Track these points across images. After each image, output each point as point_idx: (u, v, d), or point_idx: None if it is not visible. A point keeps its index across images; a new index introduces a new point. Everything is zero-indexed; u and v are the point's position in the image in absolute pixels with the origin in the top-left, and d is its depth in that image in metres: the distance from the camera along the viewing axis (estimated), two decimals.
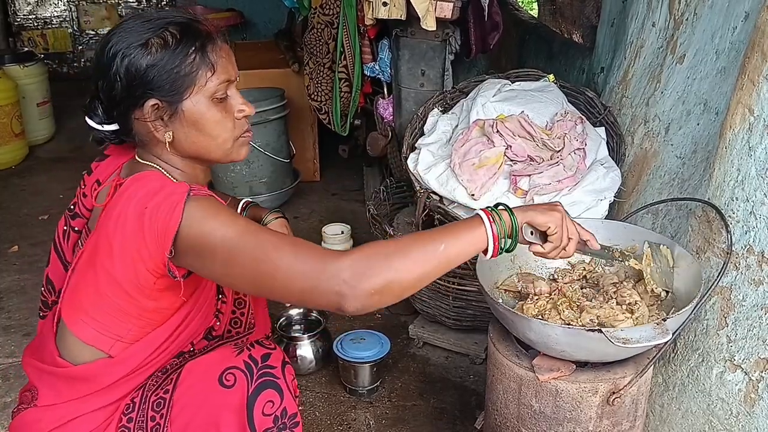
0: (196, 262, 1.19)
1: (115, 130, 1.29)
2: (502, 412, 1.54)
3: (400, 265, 1.12)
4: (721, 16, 1.76)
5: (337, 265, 1.09)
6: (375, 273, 1.09)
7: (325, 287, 1.09)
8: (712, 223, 1.56)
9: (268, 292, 1.21)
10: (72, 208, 1.39)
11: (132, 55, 1.20)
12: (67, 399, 1.32)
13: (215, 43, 1.26)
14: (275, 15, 5.39)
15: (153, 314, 1.30)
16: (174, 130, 1.26)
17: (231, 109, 1.30)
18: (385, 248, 1.14)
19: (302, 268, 1.11)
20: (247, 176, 3.38)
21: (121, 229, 1.19)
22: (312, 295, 1.12)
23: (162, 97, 1.22)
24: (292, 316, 2.41)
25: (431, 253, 1.15)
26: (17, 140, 4.28)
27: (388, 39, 2.74)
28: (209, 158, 1.32)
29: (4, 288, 2.80)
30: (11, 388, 2.18)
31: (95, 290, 1.26)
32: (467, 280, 2.08)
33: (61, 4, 6.25)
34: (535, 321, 1.39)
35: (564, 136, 2.07)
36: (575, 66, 2.80)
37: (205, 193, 1.23)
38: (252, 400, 1.24)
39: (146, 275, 1.21)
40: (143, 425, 1.32)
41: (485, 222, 1.20)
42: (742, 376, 1.47)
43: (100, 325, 1.28)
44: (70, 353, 1.32)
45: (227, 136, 1.30)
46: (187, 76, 1.22)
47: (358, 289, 1.08)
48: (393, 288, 1.12)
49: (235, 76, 1.31)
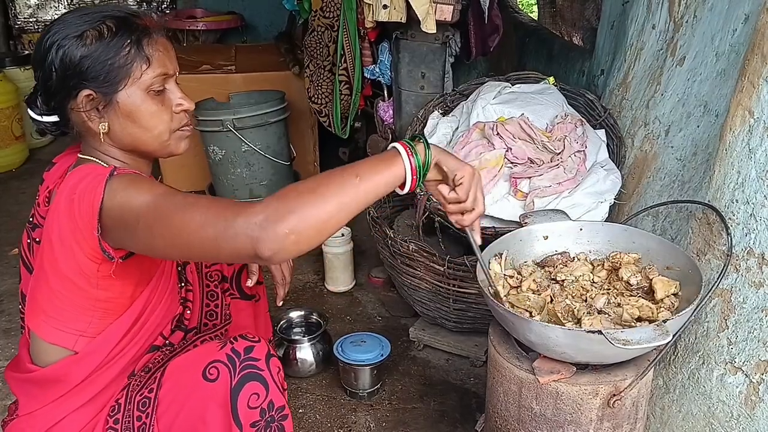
0: (124, 235, 1.19)
1: (55, 121, 1.31)
2: (503, 414, 1.54)
3: (314, 202, 1.07)
4: (720, 18, 1.76)
5: (248, 209, 1.06)
6: (289, 212, 1.04)
7: (238, 232, 1.05)
8: (713, 226, 1.56)
9: (188, 250, 1.17)
10: (31, 220, 1.41)
11: (67, 45, 1.22)
12: (44, 403, 1.33)
13: (151, 37, 1.28)
14: (276, 18, 5.39)
15: (107, 304, 1.31)
16: (109, 121, 1.28)
17: (169, 103, 1.32)
18: (297, 186, 1.10)
19: (214, 219, 1.08)
20: (248, 179, 3.38)
21: (56, 222, 1.22)
22: (227, 244, 1.06)
23: (96, 88, 1.24)
24: (293, 318, 2.41)
25: (346, 189, 1.10)
26: (17, 143, 4.29)
27: (388, 42, 2.74)
28: (146, 150, 1.34)
29: (4, 291, 2.80)
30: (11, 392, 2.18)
31: (47, 288, 1.28)
32: (468, 283, 2.08)
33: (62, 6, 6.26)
34: (536, 322, 1.38)
35: (564, 139, 2.07)
36: (575, 68, 2.80)
37: (130, 171, 1.24)
38: (235, 393, 1.24)
39: (87, 262, 1.23)
40: (130, 425, 1.33)
41: (403, 155, 1.17)
42: (742, 379, 1.47)
43: (59, 323, 1.30)
44: (38, 357, 1.34)
45: (163, 129, 1.32)
46: (122, 68, 1.24)
47: (270, 231, 1.03)
48: (308, 226, 1.05)
49: (174, 70, 1.32)
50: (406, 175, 1.18)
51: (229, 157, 3.30)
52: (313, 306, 2.63)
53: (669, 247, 1.58)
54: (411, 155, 1.18)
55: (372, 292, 2.80)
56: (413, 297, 2.31)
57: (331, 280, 2.82)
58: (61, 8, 6.24)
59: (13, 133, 4.21)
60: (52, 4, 6.23)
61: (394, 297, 2.67)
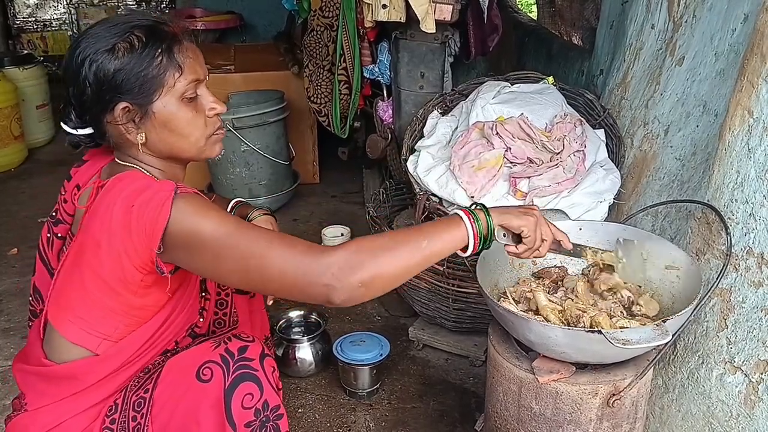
0: (186, 257, 1.21)
1: (89, 133, 1.32)
2: (502, 414, 1.54)
3: (385, 260, 1.17)
4: (720, 18, 1.76)
5: (327, 260, 1.14)
6: (362, 267, 1.15)
7: (315, 280, 1.14)
8: (712, 225, 1.56)
9: (259, 286, 1.25)
10: (54, 215, 1.41)
11: (99, 60, 1.23)
12: (53, 400, 1.33)
13: (182, 44, 1.28)
14: (275, 17, 5.39)
15: (139, 311, 1.32)
16: (146, 132, 1.28)
17: (202, 108, 1.32)
18: (372, 243, 1.19)
19: (293, 263, 1.16)
20: (247, 178, 3.38)
21: (107, 227, 1.21)
22: (302, 288, 1.16)
23: (132, 100, 1.25)
24: (292, 318, 2.41)
25: (415, 250, 1.20)
26: (17, 143, 4.29)
27: (387, 41, 2.74)
28: (183, 157, 1.35)
29: (4, 290, 2.79)
30: (11, 391, 2.18)
31: (82, 290, 1.27)
32: (467, 282, 2.09)
33: (61, 6, 6.26)
34: (535, 322, 1.39)
35: (563, 138, 2.07)
36: (574, 68, 2.80)
37: (190, 190, 1.25)
38: (229, 394, 1.24)
39: (133, 272, 1.23)
40: (125, 426, 1.33)
41: (466, 222, 1.25)
42: (742, 378, 1.47)
43: (87, 324, 1.30)
44: (56, 354, 1.34)
45: (199, 135, 1.33)
46: (155, 78, 1.25)
47: (345, 282, 1.14)
48: (378, 281, 1.17)
49: (204, 75, 1.33)
50: (469, 241, 1.25)
51: (228, 156, 3.31)
52: (312, 306, 2.62)
53: (668, 247, 1.58)
54: (473, 223, 1.25)
55: None
56: (413, 296, 2.31)
57: None
58: (60, 8, 6.24)
59: (12, 132, 4.21)
60: (51, 3, 6.23)
61: (394, 297, 2.67)
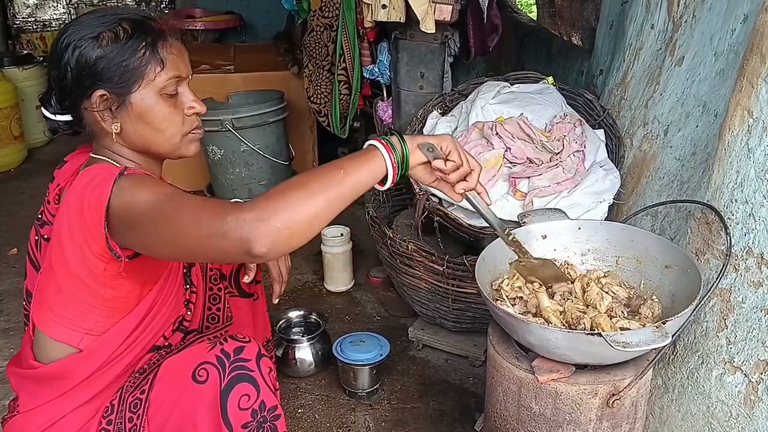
0: (126, 233, 1.20)
1: (68, 120, 1.33)
2: (502, 414, 1.54)
3: (300, 197, 1.09)
4: (719, 18, 1.76)
5: (239, 207, 1.08)
6: (276, 210, 1.07)
7: (230, 232, 1.06)
8: (712, 225, 1.56)
9: (184, 250, 1.18)
10: (40, 217, 1.41)
11: (83, 46, 1.24)
12: (45, 400, 1.34)
13: (167, 40, 1.30)
14: (274, 18, 5.39)
15: (114, 303, 1.32)
16: (122, 122, 1.29)
17: (181, 106, 1.34)
18: (284, 185, 1.13)
19: (207, 218, 1.09)
20: (247, 178, 3.38)
21: (66, 220, 1.23)
22: (218, 242, 1.08)
23: (110, 89, 1.26)
24: (292, 318, 2.41)
25: (332, 183, 1.13)
26: (16, 143, 4.28)
27: (387, 41, 2.74)
28: (157, 151, 1.36)
29: (4, 291, 2.79)
30: (10, 391, 2.17)
31: (56, 286, 1.29)
32: (467, 283, 2.09)
33: (60, 6, 6.25)
34: (535, 325, 1.38)
35: (563, 138, 2.07)
36: (574, 68, 2.80)
37: (140, 172, 1.26)
38: (225, 395, 1.24)
39: (95, 261, 1.24)
40: (122, 427, 1.33)
41: (381, 150, 1.20)
42: (741, 378, 1.47)
43: (67, 321, 1.31)
44: (43, 354, 1.35)
45: (175, 131, 1.34)
46: (136, 69, 1.26)
47: (262, 228, 1.05)
48: (299, 219, 1.08)
49: (187, 74, 1.34)
50: (388, 168, 1.20)
51: (228, 156, 3.30)
52: (312, 306, 2.63)
53: (668, 247, 1.58)
54: (390, 151, 1.21)
55: (371, 292, 2.80)
56: (412, 297, 2.31)
57: (330, 280, 2.82)
58: (59, 8, 6.23)
59: (11, 132, 4.21)
60: (51, 3, 6.23)
61: (393, 297, 2.67)
